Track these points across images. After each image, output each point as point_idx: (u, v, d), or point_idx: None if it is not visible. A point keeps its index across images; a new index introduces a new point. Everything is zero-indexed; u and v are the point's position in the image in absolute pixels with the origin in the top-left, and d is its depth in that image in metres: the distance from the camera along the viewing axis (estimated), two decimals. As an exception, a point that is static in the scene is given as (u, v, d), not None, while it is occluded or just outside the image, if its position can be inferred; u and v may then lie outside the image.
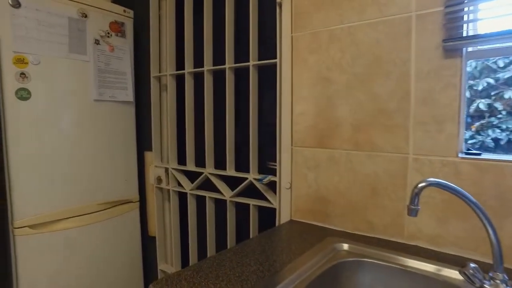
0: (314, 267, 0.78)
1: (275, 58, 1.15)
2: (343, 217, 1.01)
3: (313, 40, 1.04)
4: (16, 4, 1.22)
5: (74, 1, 1.39)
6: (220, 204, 1.40)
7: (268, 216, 1.26)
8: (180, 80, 1.54)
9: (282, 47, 1.12)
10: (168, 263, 1.66)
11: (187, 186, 1.48)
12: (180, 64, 1.51)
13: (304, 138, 1.09)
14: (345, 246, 0.89)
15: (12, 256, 1.31)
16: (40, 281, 1.35)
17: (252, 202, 1.27)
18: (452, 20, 0.80)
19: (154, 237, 1.65)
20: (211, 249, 1.43)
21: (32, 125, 1.30)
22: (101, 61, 1.48)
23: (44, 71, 1.32)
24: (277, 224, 1.19)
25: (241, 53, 1.31)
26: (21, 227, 1.29)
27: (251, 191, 1.29)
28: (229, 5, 1.28)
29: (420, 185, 0.62)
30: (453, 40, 0.79)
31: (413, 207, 0.62)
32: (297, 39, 1.09)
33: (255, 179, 1.24)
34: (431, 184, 0.62)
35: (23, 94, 1.28)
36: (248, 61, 1.24)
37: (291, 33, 1.10)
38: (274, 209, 1.20)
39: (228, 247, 1.35)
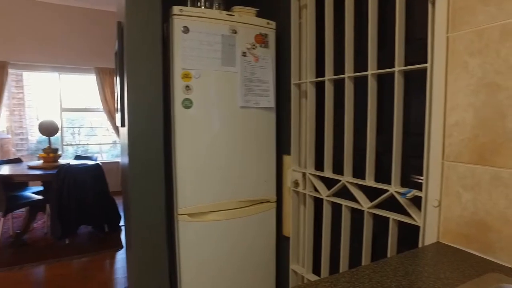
0: (471, 305, 0.68)
1: (424, 62, 1.04)
2: None
3: (476, 40, 0.90)
4: (186, 30, 1.47)
5: (227, 20, 1.57)
6: (356, 214, 1.36)
7: (406, 232, 1.16)
8: (319, 87, 1.56)
9: (434, 50, 1.01)
10: (299, 264, 1.72)
11: (324, 192, 1.50)
12: (319, 71, 1.53)
13: (458, 152, 0.95)
14: (515, 288, 0.74)
15: (176, 237, 1.58)
16: (194, 261, 1.59)
17: (392, 216, 1.19)
18: None
19: (288, 237, 1.73)
20: (344, 259, 1.41)
21: (192, 130, 1.54)
22: (247, 71, 1.63)
23: (202, 83, 1.54)
24: (420, 244, 1.08)
25: (384, 57, 1.24)
26: (182, 214, 1.55)
27: (390, 204, 1.21)
28: (372, 9, 1.23)
29: None
30: None
31: None
32: (454, 40, 0.96)
33: (397, 192, 1.16)
34: None
35: (187, 104, 1.52)
36: (392, 66, 1.16)
37: (447, 33, 0.97)
38: (416, 227, 1.10)
39: (363, 259, 1.30)
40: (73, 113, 5.56)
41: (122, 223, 3.71)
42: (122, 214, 3.72)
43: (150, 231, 1.53)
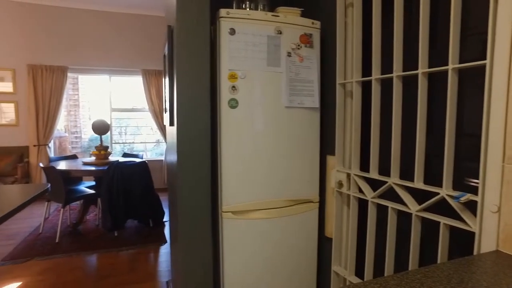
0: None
1: (481, 58, 0.98)
2: None
3: (544, 34, 0.84)
4: (232, 32, 1.51)
5: (272, 21, 1.58)
6: (403, 217, 1.32)
7: (457, 238, 1.11)
8: (365, 86, 1.53)
9: (495, 45, 0.95)
10: (341, 266, 1.69)
11: (369, 194, 1.46)
12: (365, 70, 1.50)
13: (522, 154, 0.89)
14: None
15: (220, 234, 1.63)
16: (237, 257, 1.62)
17: (443, 220, 1.13)
18: None
19: (330, 238, 1.71)
20: (389, 262, 1.36)
21: (237, 129, 1.57)
22: (292, 71, 1.63)
23: (247, 84, 1.57)
24: (475, 251, 1.02)
25: (436, 53, 1.19)
26: (226, 212, 1.59)
27: (440, 208, 1.16)
28: (424, 2, 1.18)
29: None
30: None
31: None
32: (518, 35, 0.90)
33: (449, 195, 1.11)
34: None
35: (233, 104, 1.56)
36: (442, 64, 1.11)
37: None
38: (471, 233, 1.04)
39: (410, 264, 1.26)
40: (120, 113, 5.89)
41: (166, 218, 3.87)
42: (166, 210, 3.89)
43: (196, 227, 1.58)
